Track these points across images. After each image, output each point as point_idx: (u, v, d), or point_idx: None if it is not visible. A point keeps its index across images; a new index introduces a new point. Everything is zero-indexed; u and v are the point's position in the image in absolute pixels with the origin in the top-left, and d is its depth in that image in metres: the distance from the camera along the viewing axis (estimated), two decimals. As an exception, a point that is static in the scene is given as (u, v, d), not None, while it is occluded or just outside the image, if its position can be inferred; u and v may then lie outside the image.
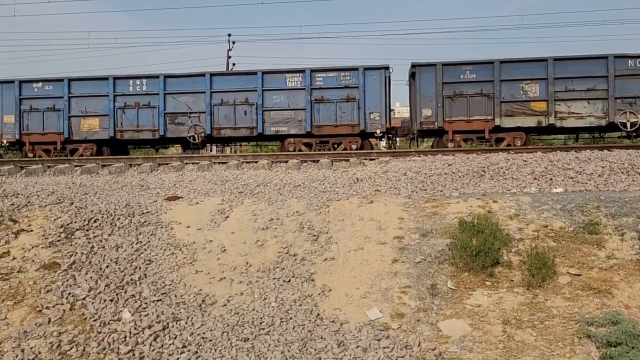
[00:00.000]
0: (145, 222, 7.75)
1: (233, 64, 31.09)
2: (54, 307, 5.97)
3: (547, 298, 5.67)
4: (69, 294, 6.16)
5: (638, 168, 9.19)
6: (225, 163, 12.09)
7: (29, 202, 8.45)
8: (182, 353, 5.30)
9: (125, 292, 6.23)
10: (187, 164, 12.13)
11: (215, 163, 12.24)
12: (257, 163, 11.79)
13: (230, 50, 31.78)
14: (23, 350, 5.36)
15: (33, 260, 6.81)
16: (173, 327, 5.69)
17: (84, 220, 7.70)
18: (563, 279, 5.90)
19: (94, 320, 5.76)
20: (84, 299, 6.10)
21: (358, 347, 5.20)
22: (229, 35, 31.85)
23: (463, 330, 5.33)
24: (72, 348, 5.39)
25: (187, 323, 5.76)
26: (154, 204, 8.36)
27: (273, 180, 9.85)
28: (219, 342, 5.45)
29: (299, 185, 9.33)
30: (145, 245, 7.17)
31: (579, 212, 7.07)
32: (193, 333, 5.60)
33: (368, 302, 5.89)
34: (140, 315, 5.84)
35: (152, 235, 7.41)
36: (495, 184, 8.75)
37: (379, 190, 8.68)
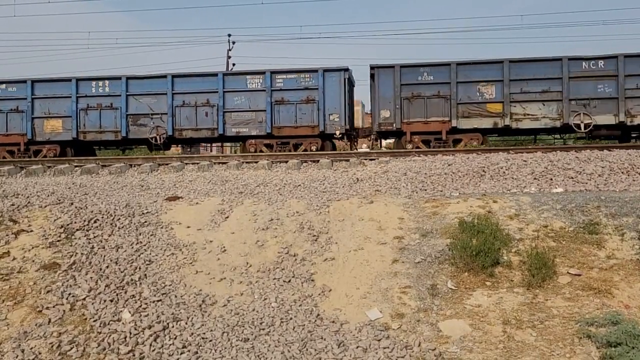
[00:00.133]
0: (146, 222, 7.75)
1: (233, 64, 31.12)
2: (54, 307, 5.97)
3: (547, 298, 5.67)
4: (69, 295, 6.17)
5: (638, 168, 9.20)
6: (226, 163, 12.11)
7: (29, 202, 8.45)
8: (182, 353, 5.30)
9: (126, 292, 6.24)
10: (187, 164, 12.14)
11: (215, 163, 12.26)
12: (257, 163, 11.81)
13: (230, 51, 31.83)
14: (23, 351, 5.37)
15: (33, 261, 6.81)
16: (173, 327, 5.69)
17: (84, 221, 7.70)
18: (563, 279, 5.90)
19: (94, 321, 5.76)
20: (84, 300, 6.10)
21: (358, 347, 5.20)
22: (229, 36, 31.91)
23: (463, 331, 5.33)
24: (72, 348, 5.39)
25: (187, 323, 5.76)
26: (154, 204, 8.36)
27: (273, 181, 9.85)
28: (219, 342, 5.45)
29: (299, 186, 9.33)
30: (146, 246, 7.17)
31: (579, 212, 7.06)
32: (193, 333, 5.60)
33: (368, 302, 5.89)
34: (141, 316, 5.85)
35: (152, 236, 7.41)
36: (496, 184, 8.75)
37: (379, 191, 8.68)
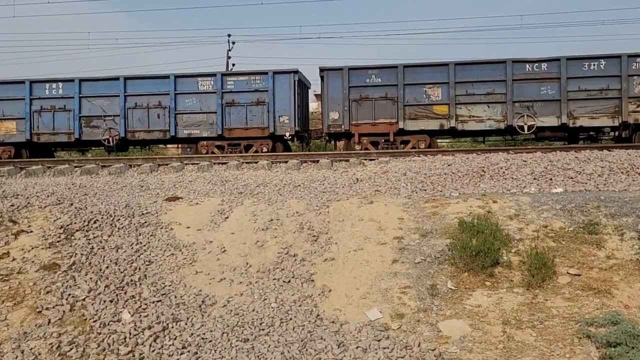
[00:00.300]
0: (145, 222, 7.75)
1: (233, 65, 31.08)
2: (54, 308, 5.97)
3: (546, 298, 5.67)
4: (69, 295, 6.17)
5: (638, 168, 9.19)
6: (225, 163, 12.11)
7: (29, 203, 8.45)
8: (182, 354, 5.30)
9: (125, 293, 6.24)
10: (187, 165, 12.15)
11: (215, 163, 12.26)
12: (257, 163, 11.81)
13: (230, 51, 31.80)
14: (23, 352, 5.37)
15: (33, 261, 6.81)
16: (173, 327, 5.69)
17: (84, 221, 7.70)
18: (563, 279, 5.90)
19: (94, 321, 5.76)
20: (84, 300, 6.10)
21: (358, 347, 5.20)
22: (229, 36, 31.85)
23: (463, 331, 5.33)
24: (72, 349, 5.39)
25: (187, 324, 5.76)
26: (154, 205, 8.36)
27: (273, 181, 9.85)
28: (219, 342, 5.45)
29: (299, 186, 9.33)
30: (145, 246, 7.17)
31: (579, 212, 7.07)
32: (193, 334, 5.60)
33: (368, 302, 5.89)
34: (140, 316, 5.85)
35: (152, 236, 7.41)
36: (495, 184, 8.75)
37: (379, 191, 8.67)
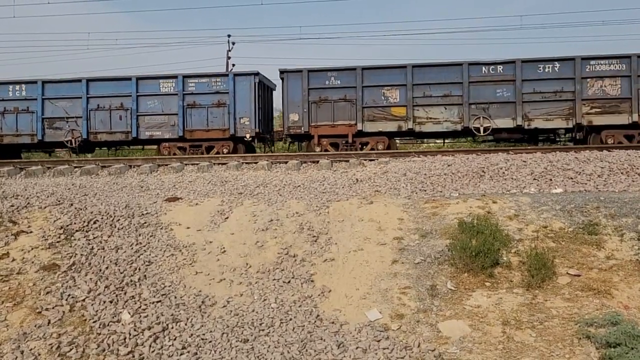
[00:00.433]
0: (145, 223, 7.75)
1: (233, 65, 31.08)
2: (54, 308, 5.97)
3: (546, 299, 5.68)
4: (69, 296, 6.17)
5: (637, 169, 9.20)
6: (225, 164, 12.12)
7: (29, 203, 8.45)
8: (181, 354, 5.30)
9: (125, 293, 6.24)
10: (186, 165, 12.15)
11: (215, 164, 12.27)
12: (256, 164, 11.82)
13: (230, 51, 31.81)
14: (22, 352, 5.37)
15: (32, 262, 6.81)
16: (173, 328, 5.69)
17: (84, 222, 7.70)
18: (562, 280, 5.90)
19: (94, 322, 5.76)
20: (84, 301, 6.10)
21: (358, 348, 5.20)
22: (229, 36, 31.86)
23: (463, 331, 5.33)
24: (71, 349, 5.39)
25: (186, 324, 5.76)
26: (154, 205, 8.36)
27: (273, 181, 9.85)
28: (219, 343, 5.46)
29: (299, 186, 9.33)
30: (145, 247, 7.17)
31: (579, 212, 7.07)
32: (193, 334, 5.60)
33: (368, 303, 5.89)
34: (140, 317, 5.85)
35: (151, 237, 7.41)
36: (495, 185, 8.75)
37: (379, 191, 8.68)
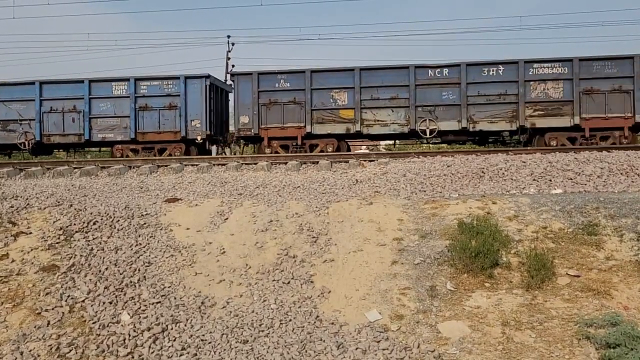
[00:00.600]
0: (145, 224, 7.75)
1: (232, 66, 31.08)
2: (53, 309, 5.97)
3: (546, 299, 5.68)
4: (68, 297, 6.16)
5: (637, 169, 9.20)
6: (225, 165, 12.11)
7: (28, 204, 8.44)
8: (181, 355, 5.30)
9: (125, 294, 6.23)
10: (186, 166, 12.15)
11: (215, 165, 12.26)
12: (256, 165, 11.81)
13: (230, 52, 31.82)
14: (22, 353, 5.36)
15: (32, 263, 6.81)
16: (172, 329, 5.69)
17: (83, 223, 7.69)
18: (562, 280, 5.90)
19: (93, 323, 5.76)
20: (83, 302, 6.10)
21: (357, 348, 5.20)
22: (229, 37, 31.93)
23: (462, 332, 5.33)
24: (71, 351, 5.39)
25: (186, 325, 5.76)
26: (154, 206, 8.36)
27: (272, 182, 9.85)
28: (218, 344, 5.45)
29: (299, 187, 9.33)
30: (145, 248, 7.16)
31: (578, 213, 7.07)
32: (192, 335, 5.60)
33: (367, 303, 5.89)
34: (140, 318, 5.84)
35: (151, 237, 7.40)
36: (495, 185, 8.76)
37: (379, 192, 8.68)
